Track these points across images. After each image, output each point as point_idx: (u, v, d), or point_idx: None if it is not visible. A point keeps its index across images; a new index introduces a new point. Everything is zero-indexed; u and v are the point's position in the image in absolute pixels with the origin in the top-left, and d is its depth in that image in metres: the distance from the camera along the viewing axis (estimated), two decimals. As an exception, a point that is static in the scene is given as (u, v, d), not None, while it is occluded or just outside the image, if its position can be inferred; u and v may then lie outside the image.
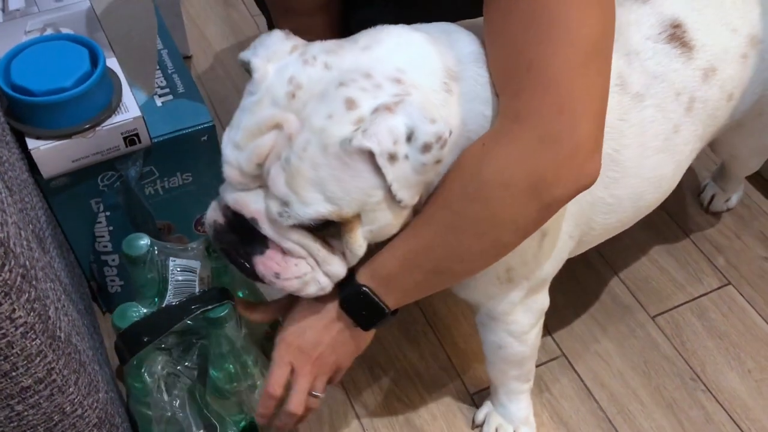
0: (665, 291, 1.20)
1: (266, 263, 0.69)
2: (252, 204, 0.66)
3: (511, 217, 0.66)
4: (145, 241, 0.81)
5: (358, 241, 0.68)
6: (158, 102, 1.00)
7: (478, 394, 1.07)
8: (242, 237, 0.69)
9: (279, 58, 0.67)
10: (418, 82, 0.65)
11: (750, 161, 1.13)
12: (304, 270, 0.69)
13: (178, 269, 0.80)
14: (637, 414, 1.06)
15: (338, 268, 0.71)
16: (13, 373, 0.58)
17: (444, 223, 0.68)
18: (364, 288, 0.71)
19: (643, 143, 0.79)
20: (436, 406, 1.06)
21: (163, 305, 0.77)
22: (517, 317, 0.86)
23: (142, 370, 0.76)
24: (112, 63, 0.98)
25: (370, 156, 0.62)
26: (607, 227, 0.85)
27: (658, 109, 0.79)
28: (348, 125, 0.62)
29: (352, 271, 0.72)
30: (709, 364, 1.11)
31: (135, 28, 1.06)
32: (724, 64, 0.83)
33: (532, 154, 0.63)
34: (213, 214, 0.70)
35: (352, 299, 0.73)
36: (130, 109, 0.93)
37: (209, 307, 0.75)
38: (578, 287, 1.20)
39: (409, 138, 0.62)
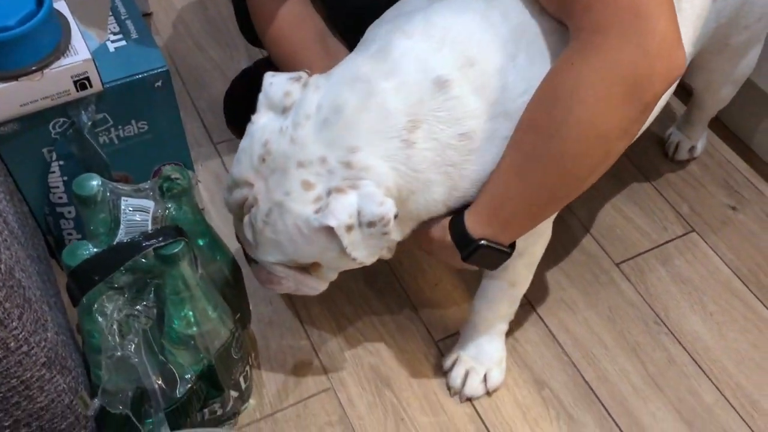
0: (630, 239, 1.20)
1: (258, 274, 0.85)
2: (242, 233, 0.79)
3: (618, 125, 0.69)
4: (96, 181, 0.79)
5: (324, 275, 0.83)
6: (111, 47, 0.98)
7: (443, 342, 1.07)
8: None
9: (275, 111, 0.76)
10: (369, 163, 0.71)
11: (724, 89, 1.13)
12: (288, 285, 0.84)
13: (131, 209, 0.78)
14: (602, 358, 1.06)
15: (318, 285, 0.85)
16: (-51, 302, 0.56)
17: (555, 153, 0.70)
18: (482, 242, 0.76)
19: None
20: (402, 354, 1.06)
21: (114, 243, 0.75)
22: (537, 248, 0.89)
23: (94, 310, 0.74)
24: (62, 6, 0.95)
25: (329, 229, 0.71)
26: None
27: None
28: (305, 204, 0.72)
29: (461, 218, 0.76)
30: (672, 308, 1.12)
31: (86, -27, 1.03)
32: None
33: (622, 57, 0.66)
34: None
35: (476, 255, 0.77)
36: (79, 52, 0.90)
37: (162, 243, 0.73)
38: (543, 236, 1.20)
39: (359, 214, 0.71)
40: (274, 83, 0.76)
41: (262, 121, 0.75)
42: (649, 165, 1.31)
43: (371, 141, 0.71)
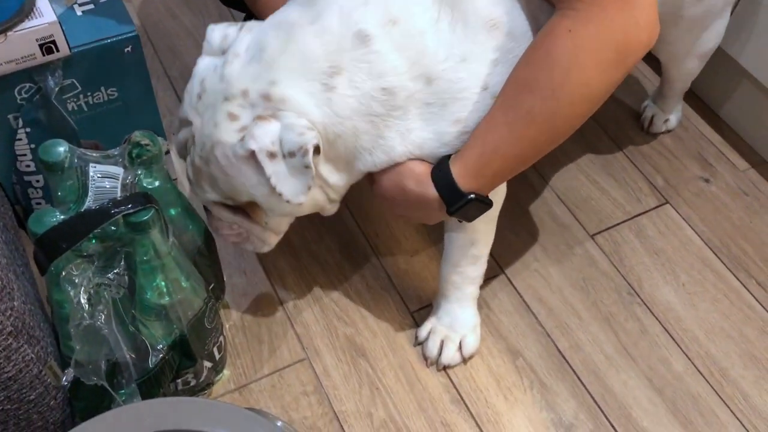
0: (604, 210, 1.21)
1: (211, 221, 0.88)
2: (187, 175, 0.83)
3: (605, 88, 0.75)
4: (63, 147, 0.77)
5: (267, 223, 0.84)
6: (78, 11, 0.95)
7: (418, 312, 1.07)
8: None
9: (214, 51, 0.79)
10: (287, 94, 0.74)
11: (688, 61, 1.14)
12: (238, 232, 0.86)
13: (99, 176, 0.77)
14: (575, 327, 1.07)
15: (266, 237, 0.86)
16: None
17: (548, 112, 0.74)
18: (472, 196, 0.78)
19: None
20: (377, 324, 1.06)
21: (82, 210, 0.73)
22: (495, 205, 0.90)
23: (62, 279, 0.73)
24: (26, -32, 0.91)
25: (253, 156, 0.73)
26: None
27: None
28: (231, 132, 0.75)
29: (446, 170, 0.78)
30: (646, 279, 1.13)
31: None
32: None
33: (617, 27, 0.72)
34: None
35: (465, 209, 0.80)
36: (44, 14, 0.88)
37: (131, 210, 0.72)
38: (518, 208, 1.20)
39: (281, 142, 0.73)
40: (215, 29, 0.80)
41: (203, 63, 0.80)
42: (625, 138, 1.31)
43: (291, 77, 0.74)
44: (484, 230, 0.92)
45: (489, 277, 1.11)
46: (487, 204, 0.81)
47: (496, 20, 0.75)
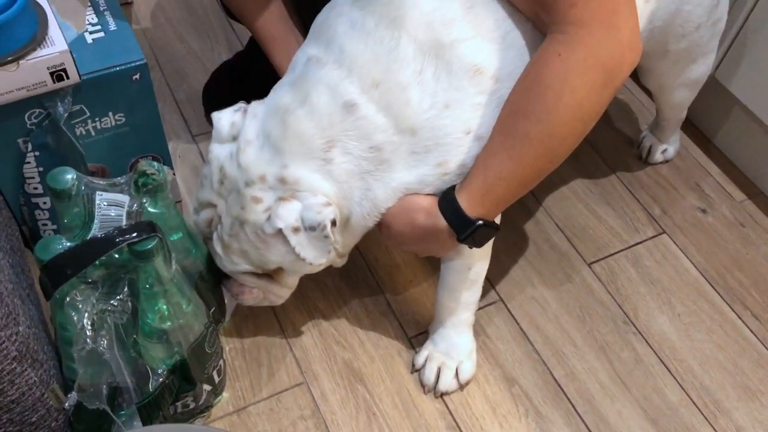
0: (602, 239, 1.22)
1: (231, 287, 0.95)
2: (213, 249, 0.91)
3: (596, 107, 0.78)
4: (70, 174, 0.79)
5: (287, 281, 0.93)
6: (89, 39, 0.97)
7: (415, 338, 1.09)
8: None
9: (225, 141, 0.86)
10: (298, 176, 0.81)
11: (678, 92, 1.16)
12: (257, 295, 0.95)
13: (105, 204, 0.79)
14: (571, 356, 1.08)
15: (282, 293, 0.96)
16: None
17: (544, 135, 0.77)
18: (480, 222, 0.81)
19: None
20: (375, 349, 1.07)
21: (88, 238, 0.75)
22: None
23: (66, 304, 0.74)
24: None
25: (280, 232, 0.81)
26: None
27: None
28: (258, 213, 0.82)
29: (452, 200, 0.81)
30: (642, 308, 1.14)
31: (64, -37, 1.02)
32: None
33: (604, 49, 0.75)
34: None
35: (474, 235, 0.82)
36: (56, 42, 0.90)
37: (136, 239, 0.73)
38: (517, 235, 1.22)
39: (302, 220, 0.81)
40: (222, 118, 0.86)
41: (216, 150, 0.86)
42: (624, 167, 1.33)
43: (296, 160, 0.81)
44: (479, 255, 0.94)
45: (486, 304, 1.13)
46: (495, 228, 0.84)
47: (479, 65, 0.78)
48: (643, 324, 1.12)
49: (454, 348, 1.02)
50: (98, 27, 0.99)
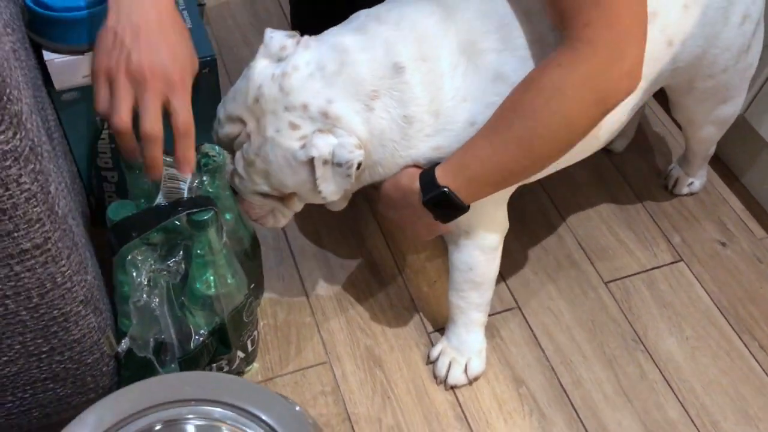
0: (621, 261, 1.29)
1: (242, 204, 0.98)
2: (227, 163, 0.93)
3: (584, 123, 0.83)
4: None
5: (295, 206, 0.97)
6: (167, 33, 1.09)
7: (434, 333, 1.17)
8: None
9: (271, 58, 0.88)
10: (341, 113, 0.85)
11: (705, 129, 1.19)
12: (260, 213, 0.98)
13: (169, 178, 0.89)
14: (579, 365, 1.15)
15: (287, 214, 0.99)
16: (15, 234, 0.67)
17: (526, 131, 0.83)
18: (445, 189, 0.87)
19: None
20: (395, 339, 1.16)
21: (153, 205, 0.86)
22: (489, 234, 0.99)
23: (128, 261, 0.85)
24: (127, -7, 1.06)
25: (311, 161, 0.85)
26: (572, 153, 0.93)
27: None
28: (293, 140, 0.85)
29: (432, 169, 0.87)
30: (651, 328, 1.20)
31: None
32: (666, 10, 0.90)
33: (603, 71, 0.80)
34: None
35: (437, 200, 0.88)
36: (139, 34, 1.01)
37: (194, 210, 0.84)
38: (540, 249, 1.29)
39: (331, 153, 0.84)
40: (274, 37, 0.89)
41: (260, 67, 0.88)
42: (649, 195, 1.39)
43: (344, 97, 0.85)
44: (482, 259, 1.01)
45: (503, 309, 1.20)
46: (462, 209, 0.88)
47: (503, 74, 0.86)
48: (652, 343, 1.18)
49: (464, 345, 1.10)
50: (176, 24, 1.10)
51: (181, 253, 0.88)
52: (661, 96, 1.24)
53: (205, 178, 0.91)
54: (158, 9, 0.82)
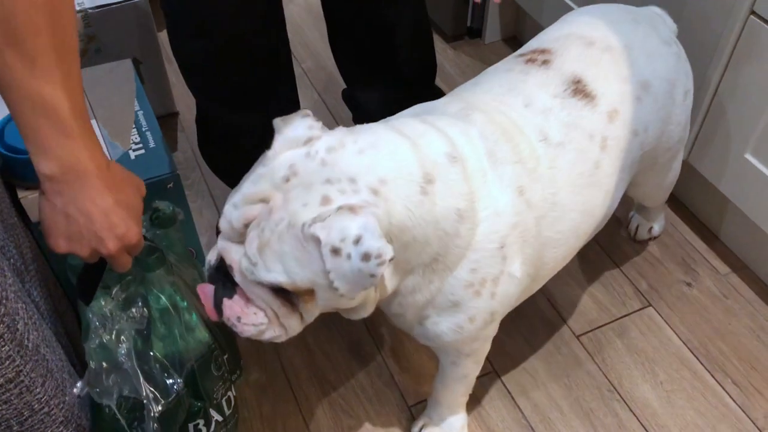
0: (591, 313, 1.33)
1: (232, 306, 0.81)
2: (233, 254, 0.79)
3: None
4: None
5: (312, 310, 0.81)
6: (132, 155, 1.18)
7: (415, 407, 1.21)
8: (222, 280, 0.81)
9: (295, 146, 0.78)
10: (394, 195, 0.75)
11: (655, 195, 1.28)
12: (262, 320, 0.81)
13: None
14: (557, 422, 1.18)
15: (294, 325, 0.82)
16: (-12, 373, 0.73)
17: None
18: None
19: (573, 182, 0.92)
20: (378, 417, 1.20)
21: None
22: (483, 348, 1.02)
23: (95, 308, 0.88)
24: (93, 123, 1.16)
25: (318, 243, 0.71)
26: (556, 259, 0.97)
27: (578, 152, 0.92)
28: (313, 214, 0.73)
29: None
30: (626, 377, 1.23)
31: (116, 94, 1.25)
32: (624, 106, 0.96)
33: None
34: (210, 255, 0.84)
35: None
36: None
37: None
38: (512, 311, 1.33)
39: (357, 241, 0.70)
40: (292, 121, 0.79)
41: (285, 154, 0.77)
42: (613, 245, 1.44)
43: (397, 177, 0.76)
44: (473, 368, 1.05)
45: (481, 375, 1.23)
46: None
47: (521, 187, 0.87)
48: (627, 391, 1.21)
49: (446, 424, 1.14)
50: (140, 145, 1.19)
51: (140, 301, 0.91)
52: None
53: (158, 232, 0.96)
54: (98, 167, 0.76)
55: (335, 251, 0.71)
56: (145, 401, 0.90)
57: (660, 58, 1.01)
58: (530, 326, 1.31)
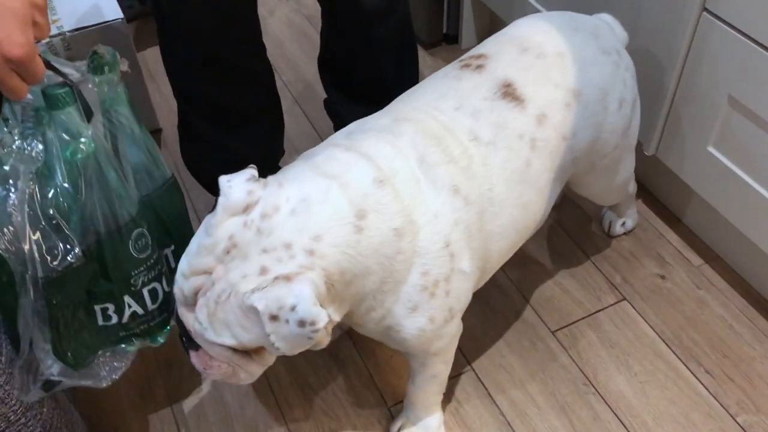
0: (566, 308, 1.35)
1: (199, 358, 0.89)
2: (189, 320, 0.85)
3: None
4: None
5: (268, 359, 0.89)
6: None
7: (394, 407, 1.23)
8: (188, 335, 0.87)
9: (235, 213, 0.80)
10: (329, 248, 0.80)
11: (606, 196, 1.31)
12: (225, 370, 0.88)
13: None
14: (534, 416, 1.20)
15: (255, 370, 0.89)
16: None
17: None
18: None
19: (507, 178, 0.96)
20: (358, 418, 1.23)
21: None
22: (450, 347, 1.03)
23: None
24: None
25: (257, 312, 0.77)
26: (501, 252, 1.00)
27: (509, 150, 0.96)
28: (252, 285, 0.78)
29: None
30: (601, 370, 1.26)
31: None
32: (552, 111, 1.00)
33: None
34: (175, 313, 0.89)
35: None
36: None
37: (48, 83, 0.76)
38: (488, 309, 1.36)
39: (293, 309, 0.76)
40: (234, 186, 0.81)
41: (226, 223, 0.80)
42: (588, 241, 1.46)
43: (330, 228, 0.80)
44: (442, 368, 1.07)
45: (458, 373, 1.27)
46: None
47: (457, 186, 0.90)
48: (602, 384, 1.24)
49: (423, 423, 1.16)
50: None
51: (40, 144, 0.77)
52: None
53: (97, 79, 0.85)
54: None
55: (273, 317, 0.77)
56: (28, 262, 0.77)
57: (595, 67, 1.03)
58: (506, 323, 1.34)
